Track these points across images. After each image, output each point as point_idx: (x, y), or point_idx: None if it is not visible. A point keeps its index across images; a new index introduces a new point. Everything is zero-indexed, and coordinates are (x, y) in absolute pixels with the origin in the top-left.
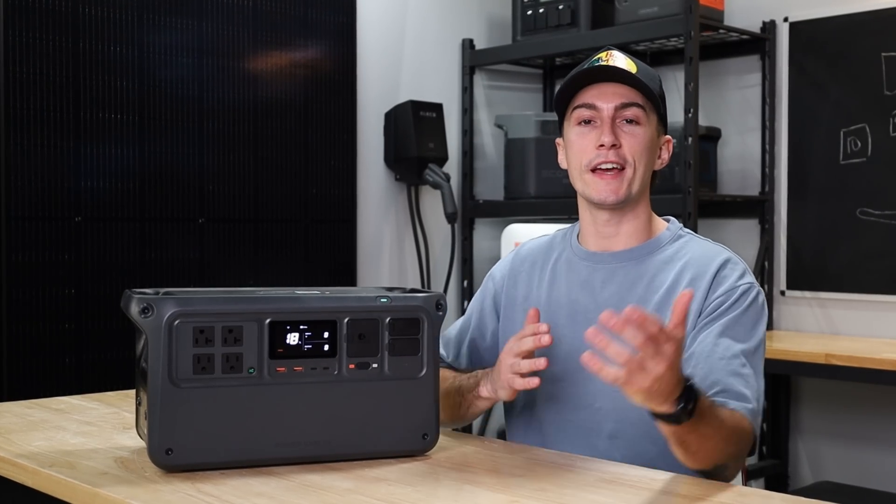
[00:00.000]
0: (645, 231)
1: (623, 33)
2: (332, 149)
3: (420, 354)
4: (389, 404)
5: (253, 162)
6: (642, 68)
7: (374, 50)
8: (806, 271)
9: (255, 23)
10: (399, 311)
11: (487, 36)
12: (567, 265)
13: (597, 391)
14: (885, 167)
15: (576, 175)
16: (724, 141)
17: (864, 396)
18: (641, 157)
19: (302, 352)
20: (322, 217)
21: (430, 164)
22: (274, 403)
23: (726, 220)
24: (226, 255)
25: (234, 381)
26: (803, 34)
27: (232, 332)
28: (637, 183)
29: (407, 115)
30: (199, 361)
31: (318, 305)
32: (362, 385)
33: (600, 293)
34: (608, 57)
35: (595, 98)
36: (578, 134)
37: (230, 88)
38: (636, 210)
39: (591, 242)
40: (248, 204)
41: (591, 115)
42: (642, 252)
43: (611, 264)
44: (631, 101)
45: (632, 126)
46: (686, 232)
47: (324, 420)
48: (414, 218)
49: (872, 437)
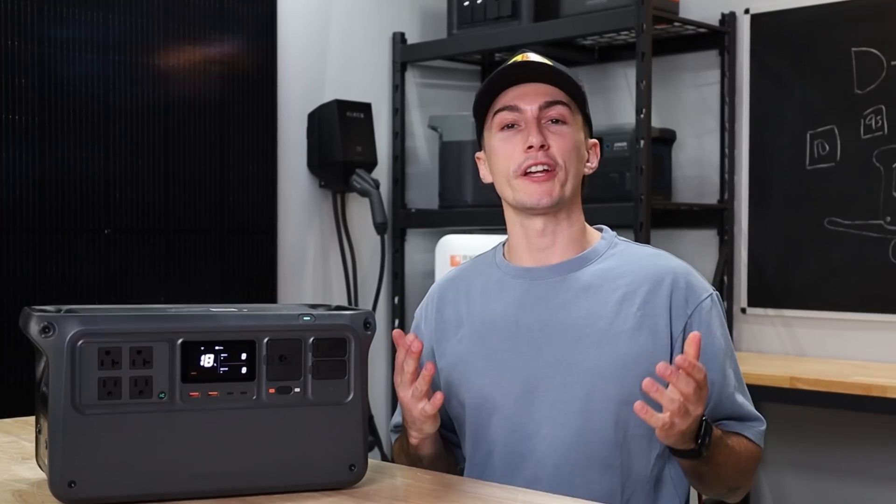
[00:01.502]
0: (580, 241)
1: (568, 26)
2: (250, 153)
3: (347, 378)
4: (313, 432)
5: (164, 167)
6: (562, 68)
7: (296, 45)
8: (769, 287)
9: (166, 15)
10: (323, 331)
11: (420, 29)
12: (498, 286)
13: (542, 418)
14: (855, 173)
15: (503, 183)
16: (679, 144)
17: (831, 424)
18: (571, 157)
19: (217, 375)
20: (239, 228)
21: (357, 169)
22: (187, 431)
23: (682, 230)
24: (134, 268)
25: (143, 407)
26: (766, 27)
27: (141, 353)
28: (569, 185)
29: (332, 116)
30: (104, 385)
31: (235, 324)
32: (283, 411)
33: (543, 309)
34: (524, 59)
35: (517, 99)
36: (502, 140)
37: (139, 87)
38: (570, 217)
39: (525, 258)
40: (158, 213)
41: (515, 118)
42: (581, 263)
43: (550, 278)
44: (555, 100)
45: (558, 126)
46: (621, 239)
47: (241, 450)
48: (340, 228)
49: (841, 469)
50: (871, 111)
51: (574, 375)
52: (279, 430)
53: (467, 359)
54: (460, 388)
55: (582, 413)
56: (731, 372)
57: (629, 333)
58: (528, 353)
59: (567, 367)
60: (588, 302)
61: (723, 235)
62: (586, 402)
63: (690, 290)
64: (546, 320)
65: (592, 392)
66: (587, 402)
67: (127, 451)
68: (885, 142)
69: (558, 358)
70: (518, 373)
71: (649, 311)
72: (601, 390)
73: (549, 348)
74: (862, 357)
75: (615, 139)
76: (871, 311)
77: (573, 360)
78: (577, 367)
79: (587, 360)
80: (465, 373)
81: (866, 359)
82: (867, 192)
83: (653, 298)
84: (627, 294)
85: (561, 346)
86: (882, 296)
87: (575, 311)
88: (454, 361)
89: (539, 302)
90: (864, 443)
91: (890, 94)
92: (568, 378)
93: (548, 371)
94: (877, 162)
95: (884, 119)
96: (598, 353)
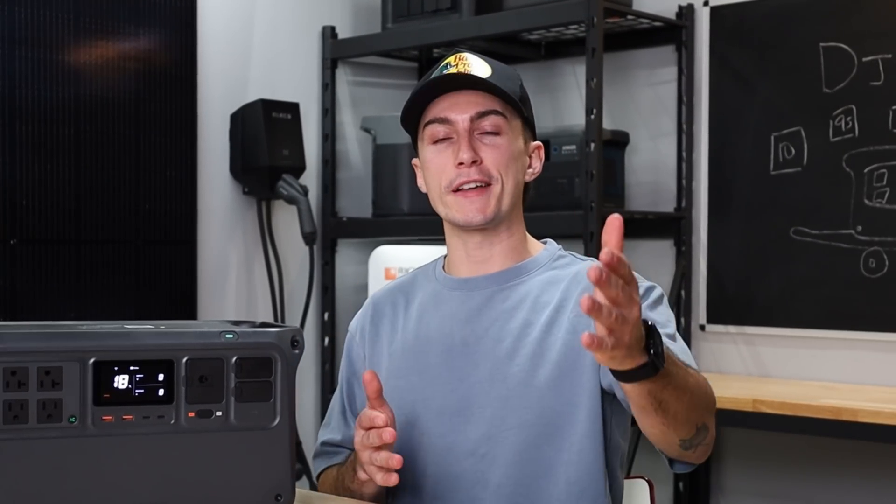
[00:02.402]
0: (521, 250)
1: (513, 20)
2: (168, 157)
3: (273, 400)
4: (236, 460)
5: (74, 172)
6: (498, 69)
7: (217, 40)
8: (730, 302)
9: (77, 7)
10: (247, 350)
11: (352, 23)
12: (435, 300)
13: (480, 438)
14: (823, 179)
15: (436, 198)
16: (632, 147)
17: (797, 450)
18: (507, 170)
19: (132, 397)
20: (156, 237)
21: (284, 174)
22: (100, 458)
23: (636, 241)
24: (42, 281)
25: (51, 433)
26: (727, 20)
27: (49, 373)
28: (506, 199)
29: (257, 117)
30: (10, 409)
31: (152, 342)
32: (204, 437)
33: (479, 321)
34: (457, 61)
35: (447, 110)
36: (434, 153)
37: (46, 85)
38: (510, 228)
39: (463, 269)
40: (68, 222)
41: (446, 131)
42: (520, 272)
43: (487, 288)
44: (488, 109)
45: (492, 137)
46: (567, 253)
47: (159, 478)
48: (265, 238)
49: (808, 499)
50: (841, 111)
51: (510, 388)
52: (199, 458)
53: (399, 374)
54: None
55: (521, 428)
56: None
57: (563, 339)
58: (464, 367)
59: (502, 380)
60: (524, 312)
61: (680, 246)
62: (525, 414)
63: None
64: (481, 333)
65: (530, 405)
66: (525, 414)
67: (34, 479)
68: (856, 144)
69: (493, 371)
70: (453, 388)
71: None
72: (538, 402)
73: (485, 362)
74: (830, 378)
75: (563, 142)
76: (840, 329)
77: (508, 371)
78: (512, 378)
79: (522, 373)
80: (396, 389)
81: (835, 380)
82: (836, 200)
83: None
84: (563, 300)
85: (495, 359)
86: (852, 312)
87: (511, 322)
88: (385, 377)
89: (475, 314)
90: (832, 471)
91: (861, 93)
92: (503, 391)
93: (483, 386)
94: (847, 166)
95: (854, 120)
96: (533, 363)
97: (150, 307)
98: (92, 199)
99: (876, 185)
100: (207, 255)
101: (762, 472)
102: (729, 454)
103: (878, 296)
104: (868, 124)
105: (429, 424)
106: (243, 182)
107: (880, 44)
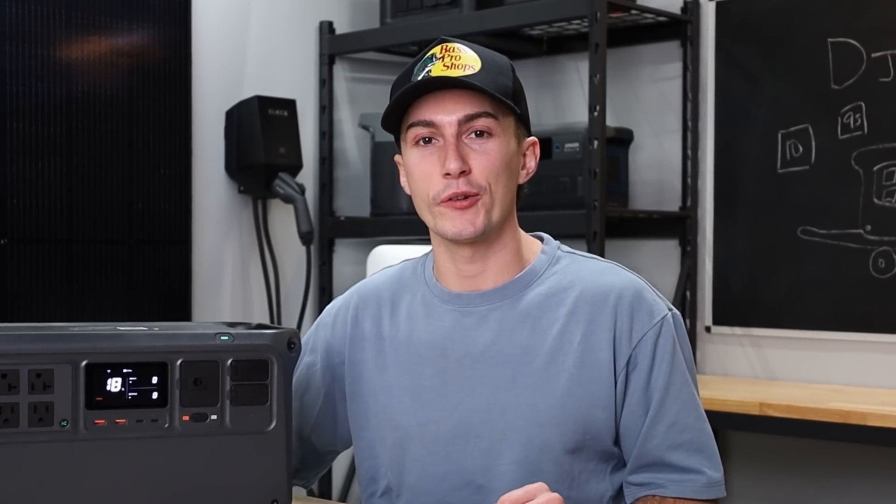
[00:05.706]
0: (516, 262)
1: (514, 15)
2: (162, 155)
3: (269, 404)
4: (232, 464)
5: (66, 170)
6: (488, 60)
7: (213, 35)
8: (736, 303)
9: (69, 1)
10: (243, 352)
11: (350, 18)
12: (425, 308)
13: (477, 469)
14: (831, 177)
15: (422, 207)
16: (636, 145)
17: (805, 455)
18: (498, 178)
19: (125, 401)
20: (150, 237)
21: (280, 172)
22: (92, 463)
23: (640, 240)
24: (33, 282)
25: (43, 437)
26: (733, 16)
27: (41, 376)
28: (497, 209)
29: (253, 114)
30: (0, 413)
31: (145, 344)
32: (198, 441)
33: (474, 342)
34: (444, 52)
35: (432, 112)
36: (419, 157)
37: (37, 81)
38: (502, 239)
39: (454, 283)
40: (59, 221)
41: (431, 133)
42: (517, 287)
43: (481, 307)
44: (478, 112)
45: (482, 141)
46: (565, 251)
47: (153, 483)
48: (261, 238)
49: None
50: (850, 108)
51: (509, 421)
52: (194, 462)
53: (391, 392)
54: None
55: (520, 464)
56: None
57: (570, 372)
58: (459, 393)
59: (501, 411)
60: (524, 335)
61: (685, 246)
62: (524, 451)
63: (636, 315)
64: (478, 356)
65: (531, 440)
66: (525, 451)
67: (25, 484)
68: (865, 142)
69: (491, 401)
70: (447, 415)
71: (591, 345)
72: (540, 438)
73: (482, 388)
74: (839, 381)
75: (566, 140)
76: (849, 330)
77: (508, 402)
78: (512, 411)
79: (523, 404)
80: (386, 408)
81: (844, 383)
82: (845, 198)
83: (595, 329)
84: (568, 324)
85: (494, 387)
86: (861, 313)
87: (510, 345)
88: (375, 390)
89: (470, 334)
90: (841, 476)
91: (870, 90)
92: (501, 423)
93: (481, 415)
94: (856, 164)
95: (863, 117)
96: (535, 396)
97: (144, 308)
98: (84, 197)
99: (885, 183)
100: (202, 254)
101: (769, 476)
102: (735, 458)
103: (887, 297)
104: (877, 121)
105: (423, 452)
106: (239, 180)
107: (890, 39)
